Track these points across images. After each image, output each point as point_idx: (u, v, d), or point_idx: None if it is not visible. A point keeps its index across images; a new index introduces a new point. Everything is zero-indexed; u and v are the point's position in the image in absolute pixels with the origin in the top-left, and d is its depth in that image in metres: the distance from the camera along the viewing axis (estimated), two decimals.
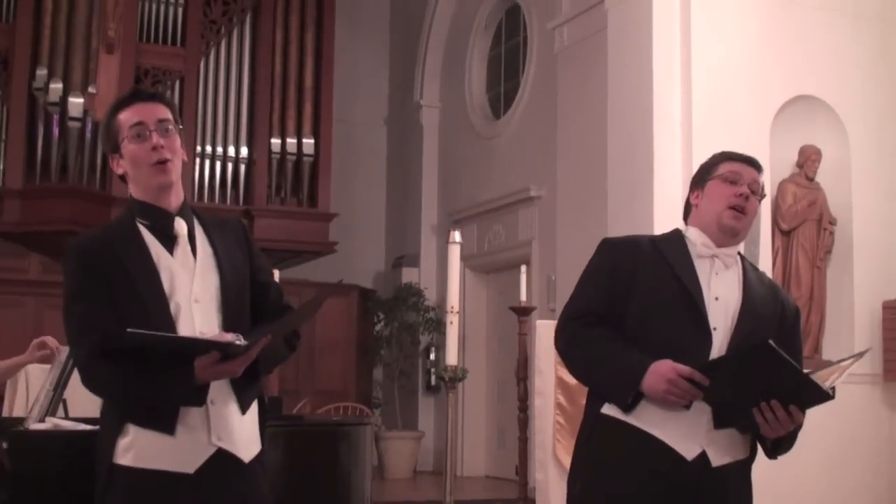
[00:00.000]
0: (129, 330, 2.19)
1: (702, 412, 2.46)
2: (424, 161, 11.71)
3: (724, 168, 2.67)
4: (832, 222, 7.42)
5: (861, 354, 2.68)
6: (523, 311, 7.51)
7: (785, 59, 7.25)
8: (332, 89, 10.67)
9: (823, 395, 2.40)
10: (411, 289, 11.00)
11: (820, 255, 7.38)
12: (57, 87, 9.38)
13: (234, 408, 2.42)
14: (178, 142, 2.49)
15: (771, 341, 2.29)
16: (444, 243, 5.60)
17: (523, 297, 7.46)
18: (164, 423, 2.33)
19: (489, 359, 10.66)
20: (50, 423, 3.20)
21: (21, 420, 3.49)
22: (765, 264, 7.01)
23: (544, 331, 6.87)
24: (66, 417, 3.52)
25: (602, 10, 7.77)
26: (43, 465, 2.98)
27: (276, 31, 10.49)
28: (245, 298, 2.53)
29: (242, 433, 2.43)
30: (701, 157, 7.42)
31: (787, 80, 7.28)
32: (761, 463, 6.60)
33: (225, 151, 10.16)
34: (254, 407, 2.49)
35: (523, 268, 7.66)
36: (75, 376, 3.45)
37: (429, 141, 11.78)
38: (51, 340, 3.49)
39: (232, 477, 2.39)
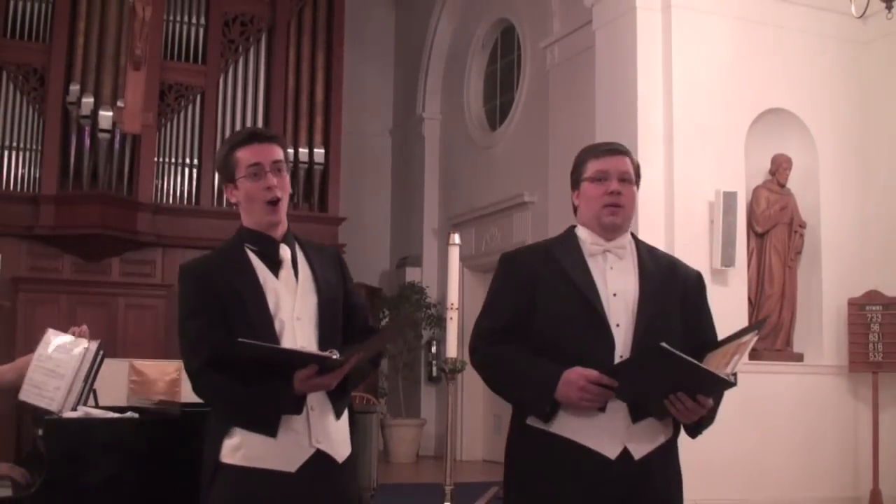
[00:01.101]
0: (239, 339, 2.25)
1: (618, 410, 2.34)
2: (426, 169, 11.69)
3: (591, 168, 2.50)
4: (802, 225, 7.41)
5: (759, 325, 2.52)
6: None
7: (758, 76, 7.25)
8: (342, 103, 10.66)
9: (724, 384, 2.29)
10: (414, 287, 10.98)
11: (791, 256, 7.37)
12: (88, 101, 9.37)
13: (330, 414, 2.47)
14: (287, 179, 2.55)
15: (663, 344, 2.16)
16: (445, 245, 5.59)
17: None
18: (268, 428, 2.38)
19: None
20: (81, 412, 3.19)
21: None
22: (740, 264, 7.01)
23: None
24: (97, 406, 3.51)
25: (590, 30, 7.77)
26: (75, 451, 2.97)
27: (290, 50, 10.48)
28: (338, 318, 2.54)
29: (337, 436, 2.49)
30: (682, 166, 7.49)
31: (761, 94, 7.28)
32: (740, 446, 6.58)
33: None
34: (345, 415, 2.55)
35: None
36: (104, 368, 3.46)
37: (430, 151, 11.77)
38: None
39: (328, 475, 2.44)
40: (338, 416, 2.50)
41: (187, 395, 6.94)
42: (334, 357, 2.31)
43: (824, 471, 7.04)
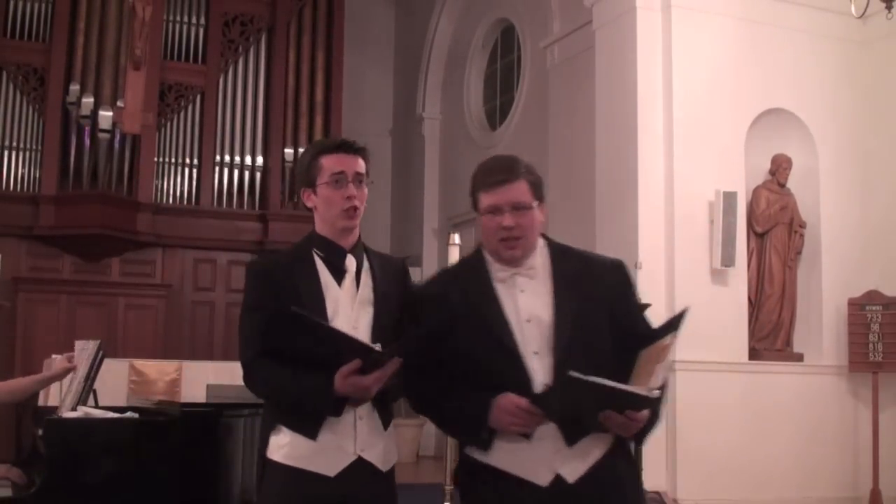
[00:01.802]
0: (293, 308, 2.28)
1: (546, 438, 2.26)
2: (426, 169, 11.69)
3: (483, 202, 2.37)
4: (802, 225, 7.41)
5: (677, 324, 2.27)
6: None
7: (758, 76, 7.25)
8: (341, 103, 10.65)
9: (645, 401, 2.17)
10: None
11: (791, 256, 7.37)
12: (88, 101, 9.37)
13: (378, 424, 2.52)
14: (365, 192, 2.59)
15: (571, 372, 2.08)
16: (445, 245, 5.59)
17: None
18: (308, 429, 2.41)
19: None
20: (81, 412, 3.20)
21: (55, 409, 3.48)
22: (740, 264, 7.01)
23: None
24: (96, 406, 3.51)
25: (590, 30, 7.77)
26: (75, 451, 2.97)
27: (290, 50, 10.48)
28: (391, 331, 2.51)
29: (384, 446, 2.54)
30: (682, 166, 7.49)
31: (760, 94, 7.28)
32: (739, 446, 6.59)
33: (242, 160, 10.14)
34: (391, 427, 2.62)
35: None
36: (104, 368, 3.46)
37: (430, 151, 11.76)
38: (70, 359, 3.46)
39: (368, 482, 2.47)
40: (385, 426, 2.55)
41: (187, 395, 6.94)
42: (378, 350, 2.31)
43: (824, 471, 7.03)
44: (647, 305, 2.48)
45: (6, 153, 9.42)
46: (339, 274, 2.54)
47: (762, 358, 7.04)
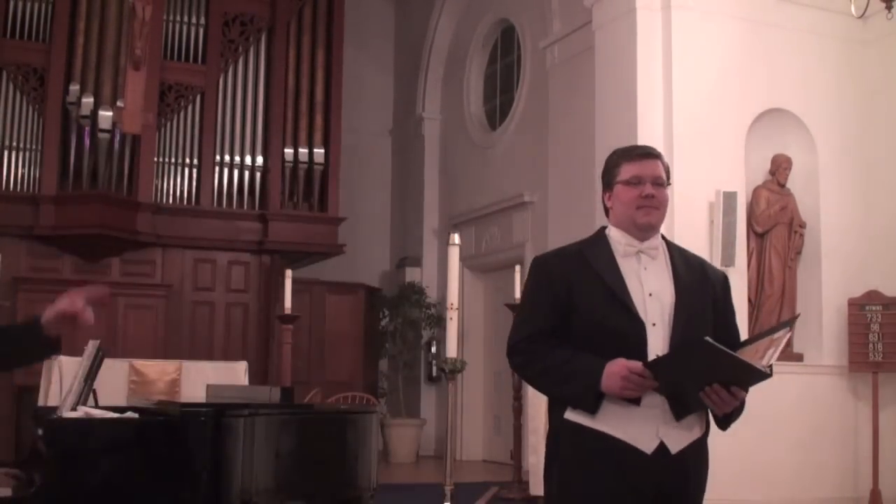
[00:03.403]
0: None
1: (655, 406, 2.40)
2: (426, 169, 11.70)
3: (625, 172, 2.55)
4: (802, 225, 7.41)
5: (791, 322, 2.57)
6: (531, 296, 7.49)
7: (758, 76, 7.25)
8: (341, 103, 10.65)
9: (761, 375, 2.35)
10: (414, 287, 10.99)
11: (791, 256, 7.37)
12: (88, 101, 9.36)
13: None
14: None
15: (708, 339, 2.27)
16: (445, 245, 5.60)
17: (517, 294, 7.45)
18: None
19: (486, 352, 10.65)
20: (81, 412, 3.20)
21: (55, 409, 3.48)
22: (740, 264, 7.01)
23: None
24: (97, 406, 3.51)
25: (590, 30, 7.77)
26: (75, 451, 2.97)
27: (290, 50, 10.47)
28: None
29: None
30: (682, 166, 7.48)
31: (760, 94, 7.28)
32: (740, 446, 6.59)
33: (242, 160, 10.14)
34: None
35: (517, 268, 7.66)
36: (103, 369, 3.46)
37: (430, 150, 11.78)
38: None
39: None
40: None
41: (187, 395, 6.94)
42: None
43: (824, 471, 7.04)
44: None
45: (6, 153, 9.42)
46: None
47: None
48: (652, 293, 2.48)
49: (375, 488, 3.94)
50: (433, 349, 11.02)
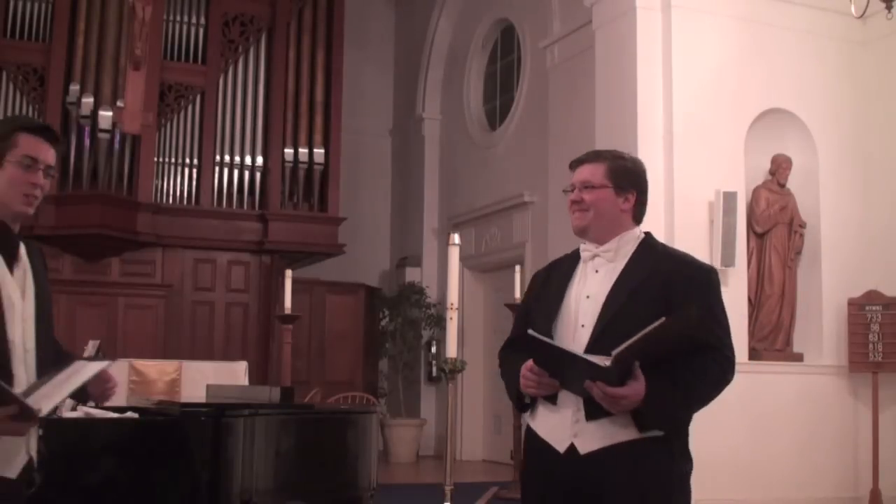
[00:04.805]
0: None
1: (568, 406, 2.43)
2: (426, 169, 11.70)
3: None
4: (802, 225, 7.41)
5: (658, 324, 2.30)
6: (517, 308, 7.50)
7: (758, 76, 7.25)
8: (341, 103, 10.65)
9: (596, 370, 2.27)
10: (414, 287, 10.98)
11: (791, 256, 7.37)
12: (88, 101, 9.37)
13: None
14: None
15: (530, 331, 2.31)
16: (445, 245, 5.59)
17: (517, 294, 7.45)
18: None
19: (486, 352, 10.65)
20: (81, 412, 3.19)
21: (55, 409, 3.47)
22: (740, 264, 7.01)
23: None
24: (97, 406, 3.51)
25: (590, 30, 7.77)
26: (75, 451, 2.97)
27: (290, 50, 10.48)
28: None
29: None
30: (682, 166, 7.49)
31: (761, 94, 7.28)
32: (739, 446, 6.62)
33: (242, 160, 10.14)
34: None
35: (517, 268, 7.66)
36: None
37: (430, 151, 11.77)
38: None
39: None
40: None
41: (187, 395, 6.94)
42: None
43: (824, 471, 7.04)
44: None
45: None
46: (12, 259, 2.43)
47: (762, 358, 7.05)
48: (590, 295, 2.49)
49: (375, 488, 3.94)
50: (433, 349, 11.02)
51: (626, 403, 2.31)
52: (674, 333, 2.31)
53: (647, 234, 2.61)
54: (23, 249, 2.45)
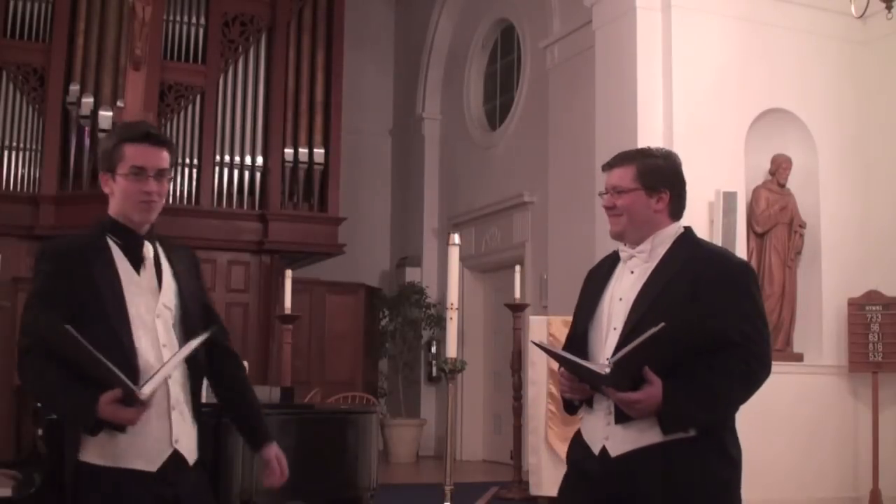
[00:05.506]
0: (67, 327, 2.19)
1: (601, 409, 2.47)
2: (426, 169, 11.70)
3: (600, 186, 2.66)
4: (802, 225, 7.41)
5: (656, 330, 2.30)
6: (517, 308, 7.50)
7: (758, 76, 7.25)
8: (341, 103, 10.65)
9: (596, 377, 2.34)
10: (414, 287, 10.99)
11: (791, 256, 7.37)
12: (88, 101, 9.37)
13: (190, 416, 2.46)
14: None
15: (533, 340, 2.43)
16: (445, 245, 5.59)
17: (517, 294, 7.46)
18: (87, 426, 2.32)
19: (486, 351, 10.65)
20: None
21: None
22: None
23: (536, 326, 6.87)
24: None
25: (590, 30, 7.77)
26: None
27: (290, 50, 10.47)
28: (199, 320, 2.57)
29: (192, 440, 2.46)
30: (682, 166, 7.44)
31: (761, 94, 7.28)
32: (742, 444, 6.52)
33: (242, 160, 10.14)
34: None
35: (517, 268, 7.66)
36: None
37: (430, 150, 11.77)
38: None
39: (185, 475, 2.41)
40: (195, 414, 2.48)
41: None
42: (140, 391, 2.23)
43: (824, 471, 7.04)
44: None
45: (6, 153, 9.42)
46: (137, 262, 2.47)
47: None
48: (622, 298, 2.50)
49: (375, 488, 3.94)
50: (433, 349, 11.02)
51: (641, 407, 2.33)
52: (677, 337, 2.30)
53: (687, 229, 2.58)
54: (150, 250, 2.50)
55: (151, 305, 2.43)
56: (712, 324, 2.38)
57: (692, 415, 2.38)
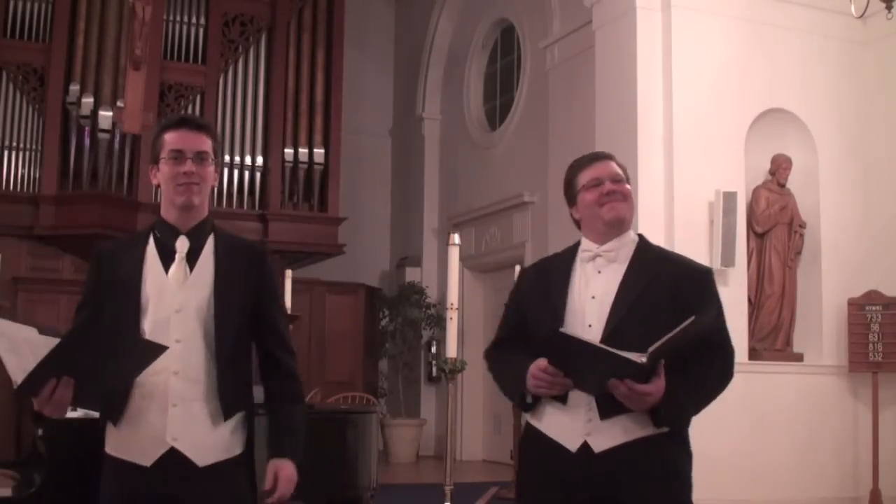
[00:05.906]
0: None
1: (580, 405, 2.42)
2: (426, 169, 11.70)
3: (583, 178, 2.58)
4: (802, 225, 7.41)
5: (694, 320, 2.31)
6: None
7: (758, 76, 7.25)
8: (341, 103, 10.65)
9: (631, 366, 2.26)
10: (414, 287, 10.98)
11: (791, 256, 7.37)
12: (88, 101, 9.37)
13: (203, 413, 2.40)
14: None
15: (561, 329, 2.32)
16: (445, 245, 5.59)
17: None
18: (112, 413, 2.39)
19: None
20: (81, 412, 3.19)
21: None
22: (740, 264, 7.01)
23: None
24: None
25: (590, 30, 7.77)
26: (75, 450, 2.97)
27: (290, 50, 10.48)
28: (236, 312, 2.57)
29: (202, 440, 2.39)
30: (682, 166, 7.49)
31: (761, 94, 7.29)
32: (739, 446, 6.60)
33: (242, 160, 10.15)
34: (234, 419, 2.46)
35: (517, 268, 7.65)
36: None
37: (430, 151, 11.77)
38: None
39: (187, 474, 2.36)
40: (225, 417, 2.41)
41: None
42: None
43: (824, 471, 7.04)
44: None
45: (6, 153, 9.42)
46: (169, 256, 2.46)
47: (762, 358, 7.05)
48: (595, 296, 2.48)
49: (375, 488, 3.95)
50: (433, 349, 11.02)
51: (649, 400, 2.33)
52: (699, 332, 2.34)
53: (641, 235, 2.62)
54: (185, 244, 2.49)
55: (174, 300, 2.40)
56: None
57: (685, 411, 2.43)
